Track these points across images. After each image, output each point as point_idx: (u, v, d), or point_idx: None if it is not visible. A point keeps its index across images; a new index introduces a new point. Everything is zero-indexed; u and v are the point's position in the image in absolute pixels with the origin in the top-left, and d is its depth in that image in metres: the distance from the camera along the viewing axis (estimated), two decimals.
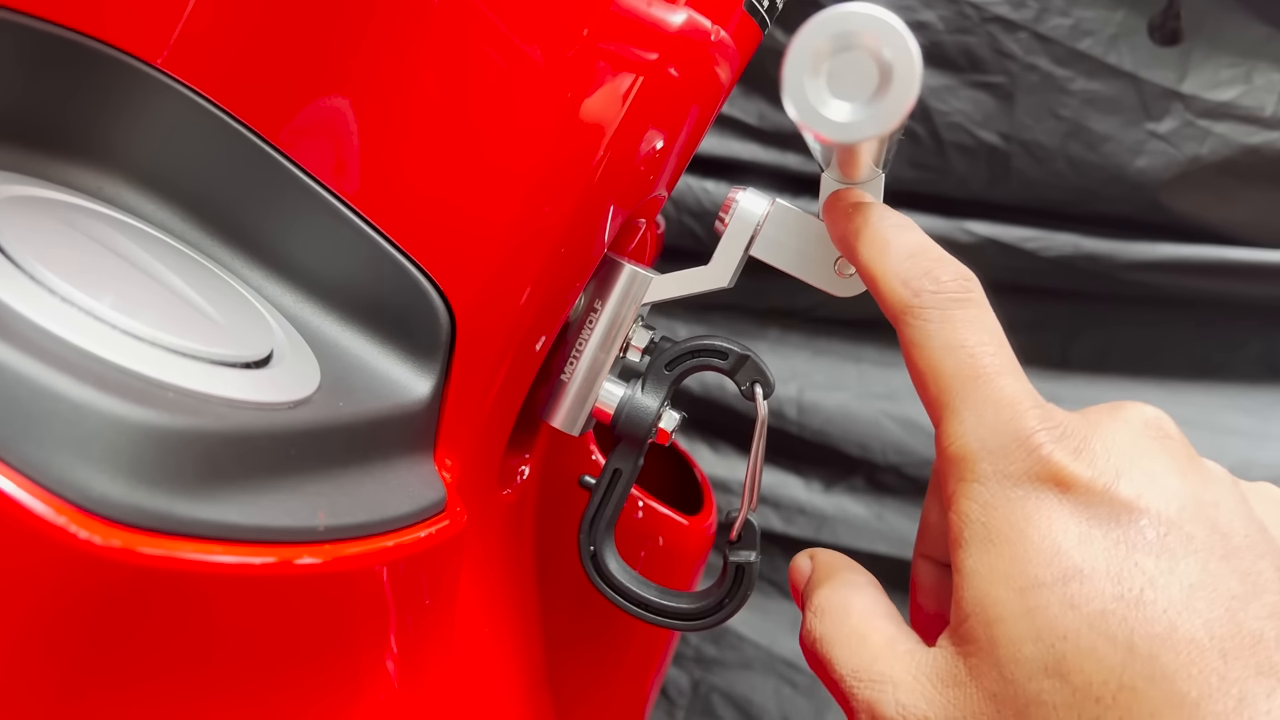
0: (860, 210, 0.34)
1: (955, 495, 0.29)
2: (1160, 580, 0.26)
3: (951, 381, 0.30)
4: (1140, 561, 0.26)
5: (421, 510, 0.31)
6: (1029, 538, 0.27)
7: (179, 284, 0.30)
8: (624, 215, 0.38)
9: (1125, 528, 0.27)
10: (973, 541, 0.28)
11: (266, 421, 0.26)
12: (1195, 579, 0.26)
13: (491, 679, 0.40)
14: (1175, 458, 0.29)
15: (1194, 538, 0.27)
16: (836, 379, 0.92)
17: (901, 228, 0.33)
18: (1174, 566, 0.26)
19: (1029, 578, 0.27)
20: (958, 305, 0.31)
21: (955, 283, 0.31)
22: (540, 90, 0.34)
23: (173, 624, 0.24)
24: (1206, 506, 0.27)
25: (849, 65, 0.23)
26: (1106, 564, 0.26)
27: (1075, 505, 0.27)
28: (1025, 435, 0.28)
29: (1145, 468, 0.28)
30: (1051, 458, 0.28)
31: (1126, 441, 0.29)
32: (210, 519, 0.24)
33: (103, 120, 0.33)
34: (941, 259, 0.32)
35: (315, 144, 0.34)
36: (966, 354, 0.30)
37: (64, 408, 0.22)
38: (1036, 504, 0.28)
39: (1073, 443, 0.28)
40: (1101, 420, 0.30)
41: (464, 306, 0.35)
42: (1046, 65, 0.79)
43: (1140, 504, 0.27)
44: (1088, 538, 0.27)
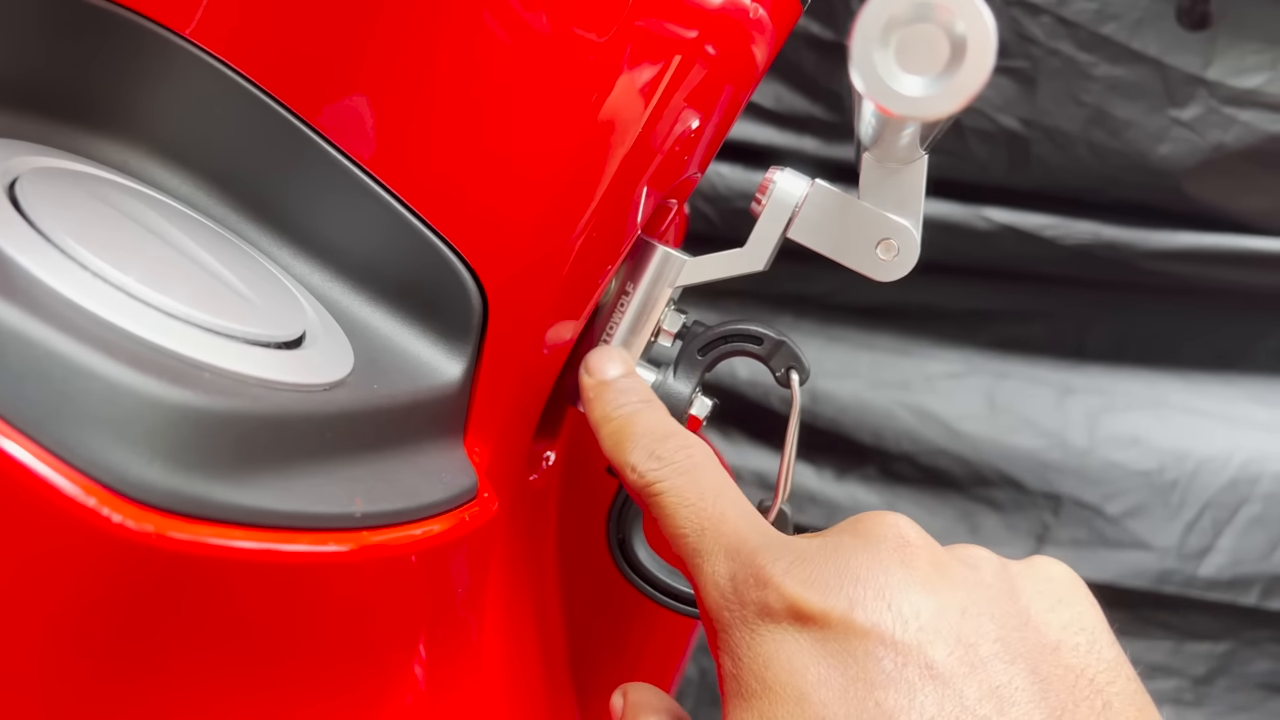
0: (600, 396, 0.36)
1: (714, 651, 0.30)
2: (900, 717, 0.25)
3: (688, 538, 0.31)
4: (880, 699, 0.25)
5: (455, 496, 0.31)
6: (771, 687, 0.27)
7: (209, 260, 0.29)
8: (658, 196, 0.37)
9: (862, 663, 0.26)
10: (730, 696, 0.28)
11: (303, 404, 0.26)
12: (935, 709, 0.25)
13: (514, 668, 0.40)
14: (916, 571, 0.28)
15: (934, 662, 0.26)
16: (849, 367, 0.92)
17: (632, 416, 0.35)
18: (913, 700, 0.25)
19: None
20: (680, 474, 0.32)
21: (677, 454, 0.33)
22: (578, 67, 0.33)
23: (207, 611, 0.24)
24: (950, 618, 0.27)
25: (920, 38, 0.22)
26: (845, 706, 0.25)
27: (813, 641, 0.27)
28: (755, 571, 0.28)
29: (881, 589, 0.27)
30: (783, 590, 0.27)
31: (863, 563, 0.28)
32: (246, 504, 0.23)
33: (129, 92, 0.32)
34: (664, 436, 0.34)
35: (347, 119, 0.33)
36: (693, 510, 0.31)
37: (99, 387, 0.21)
38: (776, 645, 0.27)
39: (804, 572, 0.28)
40: (841, 542, 0.29)
41: (496, 287, 0.34)
42: (1070, 50, 0.78)
43: (876, 633, 0.26)
44: (825, 679, 0.26)
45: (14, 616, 0.21)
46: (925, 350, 0.91)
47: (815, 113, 0.84)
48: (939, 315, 0.91)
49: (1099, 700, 0.26)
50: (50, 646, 0.22)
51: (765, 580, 0.28)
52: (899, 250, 0.36)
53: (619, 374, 0.37)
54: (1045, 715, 0.25)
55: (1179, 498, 0.86)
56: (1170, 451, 0.87)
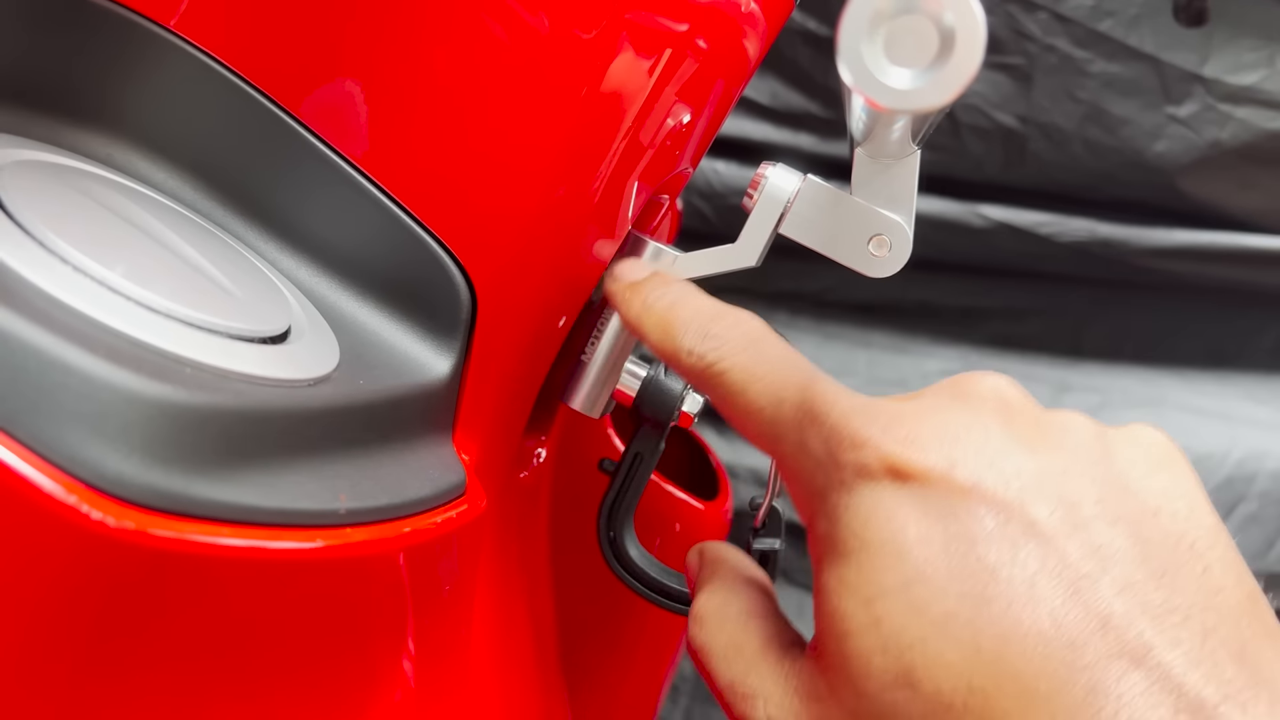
0: (636, 294, 0.35)
1: (806, 517, 0.29)
2: (1002, 573, 0.24)
3: (765, 412, 0.30)
4: (981, 555, 0.25)
5: (442, 493, 0.30)
6: (870, 544, 0.26)
7: (193, 254, 0.28)
8: (649, 191, 0.37)
9: (964, 520, 0.25)
10: (824, 557, 0.27)
11: (286, 399, 0.25)
12: (1037, 566, 0.24)
13: (506, 666, 0.39)
14: (1015, 430, 0.27)
15: (1036, 521, 0.25)
16: (846, 364, 0.91)
17: (674, 303, 0.33)
18: (1015, 555, 0.25)
19: (874, 586, 0.26)
20: (742, 350, 0.31)
21: (733, 331, 0.32)
22: (567, 60, 0.33)
23: (188, 609, 0.23)
24: (1052, 478, 0.26)
25: (908, 30, 0.22)
26: (948, 562, 0.25)
27: (913, 499, 0.26)
28: (850, 434, 0.27)
29: (981, 448, 0.26)
30: (881, 449, 0.27)
31: (962, 422, 0.27)
32: (228, 500, 0.23)
33: (112, 83, 0.32)
34: (715, 315, 0.32)
35: (334, 112, 0.33)
36: (765, 384, 0.30)
37: (76, 381, 0.21)
38: (874, 504, 0.26)
39: (902, 431, 0.27)
40: (936, 402, 0.28)
41: (485, 283, 0.34)
42: (1066, 46, 0.77)
43: (978, 491, 0.26)
44: (927, 536, 0.25)
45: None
46: (922, 347, 0.91)
47: (811, 109, 0.84)
48: (935, 312, 0.91)
49: (1199, 565, 0.25)
50: (29, 646, 0.22)
51: (862, 441, 0.27)
52: (891, 246, 0.36)
53: (647, 274, 0.36)
54: (1147, 576, 0.25)
55: None
56: None
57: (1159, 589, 0.24)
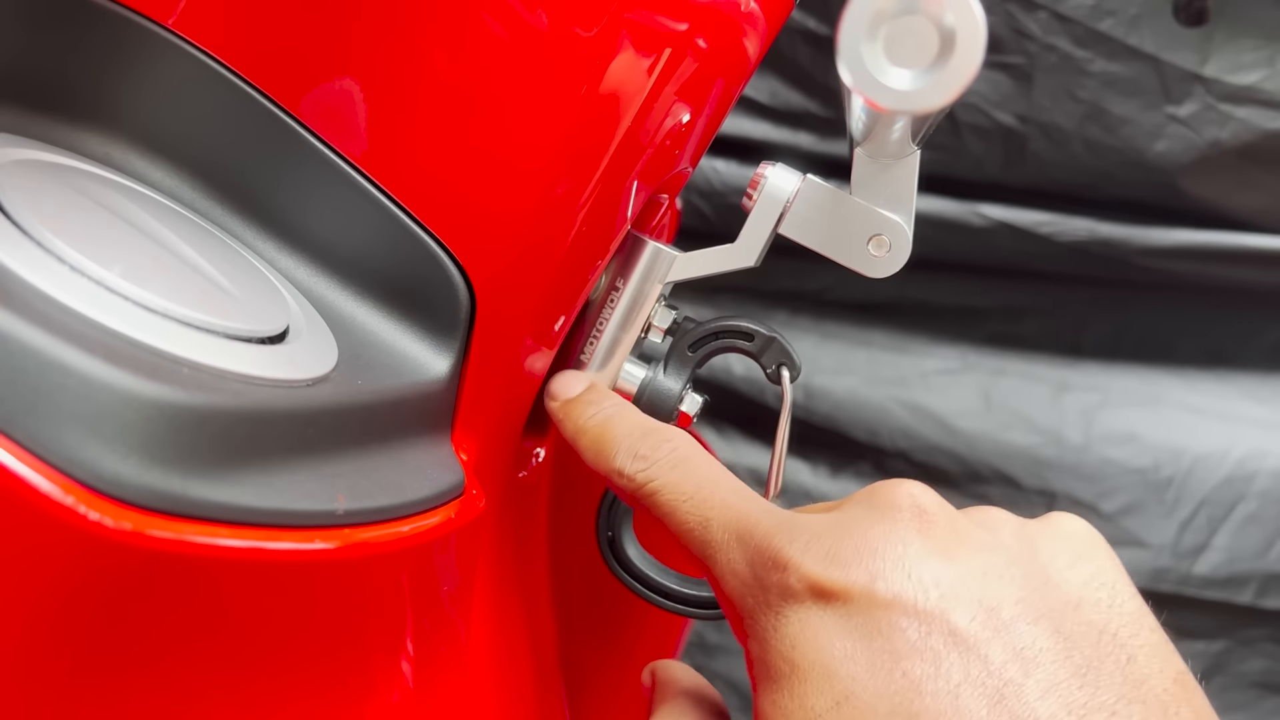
0: (569, 413, 0.36)
1: (740, 639, 0.29)
2: (927, 686, 0.25)
3: (695, 532, 0.30)
4: (907, 669, 0.25)
5: (441, 493, 0.30)
6: (799, 667, 0.27)
7: (191, 254, 0.28)
8: (648, 191, 0.37)
9: (887, 634, 0.26)
10: (759, 681, 0.28)
11: (284, 399, 0.25)
12: (961, 676, 0.25)
13: (503, 666, 0.39)
14: (933, 538, 0.28)
15: (956, 628, 0.26)
16: (845, 363, 0.91)
17: (606, 422, 0.34)
18: (939, 668, 0.25)
19: (806, 710, 0.26)
20: (669, 470, 0.32)
21: (659, 450, 0.32)
22: (566, 60, 0.33)
23: (185, 610, 0.23)
24: (971, 583, 0.26)
25: (908, 30, 0.22)
26: (873, 680, 0.25)
27: (837, 618, 0.26)
28: (772, 554, 0.28)
29: (900, 559, 0.27)
30: (802, 568, 0.27)
31: (881, 535, 0.28)
32: (225, 501, 0.23)
33: (110, 82, 0.32)
34: (643, 434, 0.33)
35: (333, 111, 0.33)
36: (694, 504, 0.31)
37: (73, 382, 0.21)
38: (800, 625, 0.27)
39: (822, 548, 0.27)
40: (854, 515, 0.29)
41: (484, 283, 0.34)
42: (1066, 46, 0.77)
43: (899, 603, 0.26)
44: (852, 655, 0.26)
45: None
46: (921, 347, 0.91)
47: (811, 108, 0.84)
48: (934, 312, 0.91)
49: (1123, 655, 0.26)
50: (27, 646, 0.22)
51: (784, 563, 0.27)
52: (891, 246, 0.36)
53: (582, 389, 0.37)
54: (1070, 673, 0.25)
55: (1174, 495, 0.86)
56: (1166, 449, 0.87)
57: (1083, 687, 0.25)
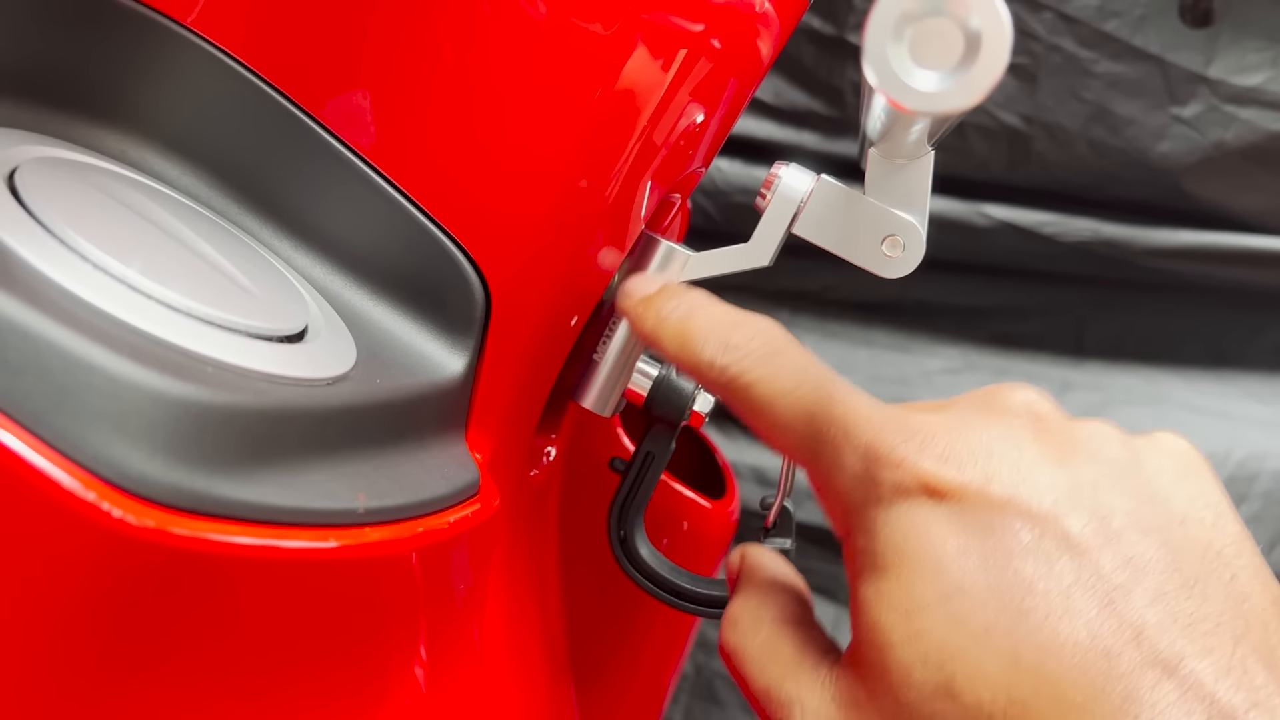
0: (649, 308, 0.34)
1: (843, 531, 0.29)
2: (1039, 585, 0.25)
3: (795, 428, 0.30)
4: (1018, 568, 0.25)
5: (457, 492, 0.30)
6: (909, 559, 0.27)
7: (210, 252, 0.28)
8: (662, 191, 0.37)
9: (1000, 534, 0.26)
10: (862, 571, 0.28)
11: (306, 398, 0.25)
12: (1073, 578, 0.25)
13: (516, 664, 0.39)
14: (1048, 444, 0.28)
15: (1070, 533, 0.26)
16: (847, 362, 0.91)
17: (690, 314, 0.33)
18: (1051, 569, 0.25)
19: (914, 600, 0.26)
20: (765, 362, 0.31)
21: (754, 341, 0.31)
22: (582, 60, 0.33)
23: (207, 608, 0.23)
24: (1085, 491, 0.27)
25: (934, 33, 0.22)
26: (985, 576, 0.26)
27: (950, 515, 0.27)
28: (885, 451, 0.28)
29: (1015, 463, 0.27)
30: (918, 467, 0.27)
31: (995, 437, 0.28)
32: (248, 500, 0.23)
33: (128, 81, 0.32)
34: (733, 325, 0.32)
35: (349, 111, 0.33)
36: (793, 399, 0.30)
37: (100, 380, 0.21)
38: (912, 520, 0.27)
39: (937, 448, 0.27)
40: (969, 417, 0.29)
41: (499, 282, 0.34)
42: (1071, 46, 0.77)
43: (1014, 505, 0.26)
44: (965, 550, 0.26)
45: (13, 612, 0.21)
46: (924, 346, 0.91)
47: (815, 108, 0.84)
48: (937, 311, 0.91)
49: (1227, 573, 0.26)
50: (50, 642, 0.22)
51: (899, 459, 0.27)
52: (905, 246, 0.36)
53: (657, 287, 0.35)
54: (1178, 585, 0.25)
55: None
56: None
57: (1189, 598, 0.25)
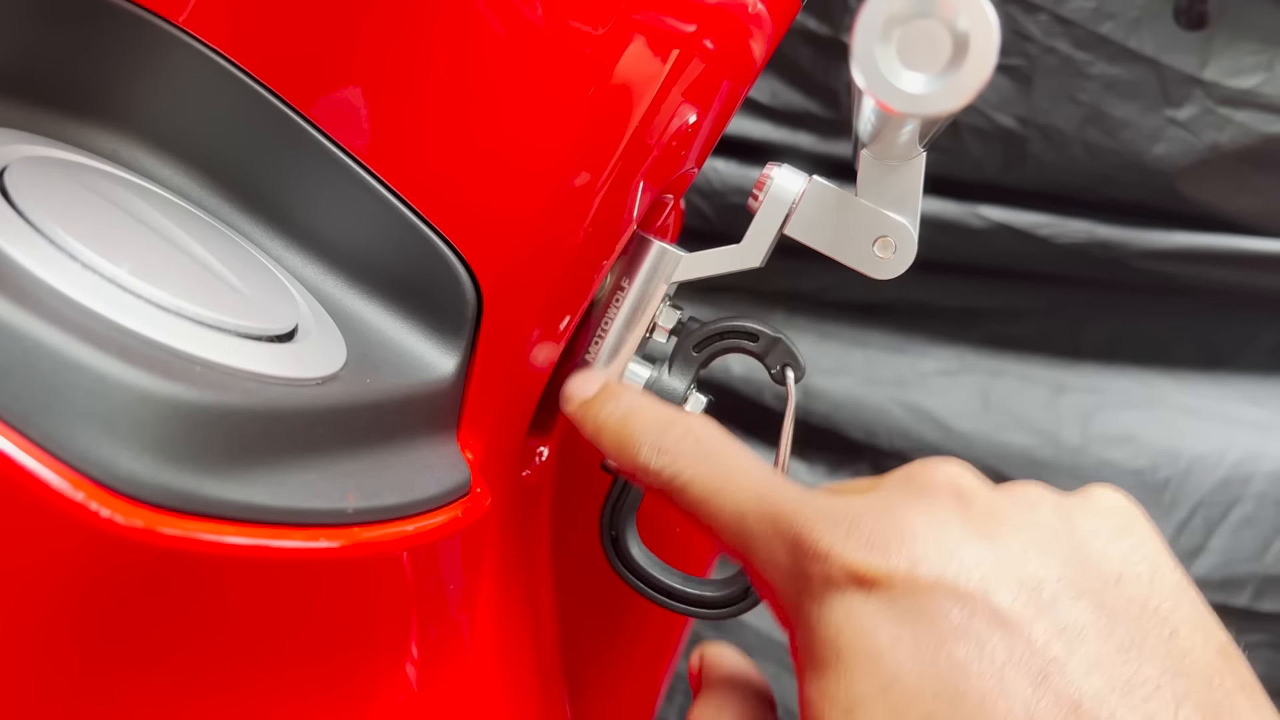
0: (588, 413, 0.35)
1: (785, 629, 0.29)
2: (972, 668, 0.25)
3: (730, 526, 0.30)
4: (951, 652, 0.25)
5: (448, 492, 0.30)
6: (844, 654, 0.27)
7: (200, 252, 0.28)
8: (654, 191, 0.37)
9: (931, 618, 0.26)
10: (804, 669, 0.28)
11: (295, 398, 0.25)
12: (1005, 656, 0.25)
13: (506, 665, 0.39)
14: (972, 519, 0.28)
15: (999, 609, 0.26)
16: (843, 363, 0.91)
17: (626, 417, 0.34)
18: (982, 649, 0.25)
19: (854, 696, 0.26)
20: (696, 462, 0.31)
21: (684, 442, 0.32)
22: (574, 61, 0.33)
23: (196, 608, 0.23)
24: (1012, 563, 0.27)
25: (922, 34, 0.22)
26: (919, 663, 0.25)
27: (881, 604, 0.26)
28: (812, 543, 0.28)
29: (940, 542, 0.27)
30: (844, 558, 0.27)
31: (920, 518, 0.28)
32: (237, 499, 0.23)
33: (119, 80, 0.32)
34: (666, 427, 0.33)
35: (341, 111, 0.33)
36: (726, 497, 0.30)
37: (88, 380, 0.21)
38: (844, 613, 0.27)
39: (862, 535, 0.27)
40: (892, 498, 0.29)
41: (491, 282, 0.34)
42: (1066, 48, 0.77)
43: (941, 586, 0.26)
44: (897, 639, 0.26)
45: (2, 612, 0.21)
46: (919, 347, 0.91)
47: (811, 108, 0.84)
48: (933, 313, 0.91)
49: (1166, 629, 0.26)
50: (37, 642, 0.22)
51: (824, 552, 0.27)
52: (896, 248, 0.36)
53: (597, 388, 0.36)
54: (1114, 649, 0.25)
55: (1171, 497, 0.86)
56: (1163, 450, 0.87)
57: (1127, 663, 0.25)
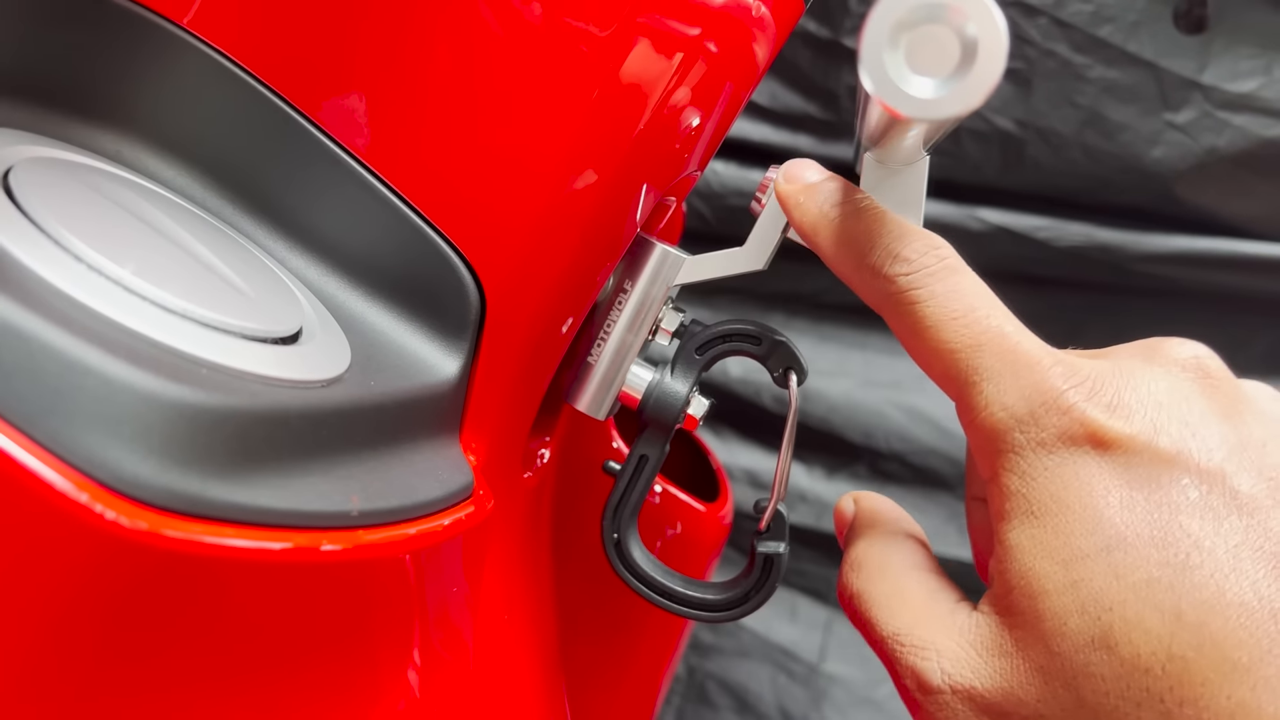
0: (812, 198, 0.32)
1: (993, 469, 0.28)
2: (1205, 543, 0.25)
3: (960, 355, 0.28)
4: (1185, 524, 0.25)
5: (451, 495, 0.30)
6: (1070, 507, 0.26)
7: (205, 253, 0.28)
8: (657, 194, 0.37)
9: (1167, 488, 0.25)
10: (1014, 514, 0.27)
11: (300, 400, 0.25)
12: (1240, 538, 0.25)
13: (508, 666, 0.39)
14: (1216, 401, 0.27)
15: (1238, 492, 0.25)
16: (841, 365, 0.91)
17: (857, 213, 0.31)
18: (1219, 526, 0.25)
19: (1072, 549, 0.26)
20: (936, 280, 0.29)
21: (926, 256, 0.30)
22: (579, 63, 0.33)
23: (200, 610, 0.23)
24: (1252, 451, 0.26)
25: (931, 39, 0.22)
26: (1150, 529, 0.25)
27: (1115, 466, 0.26)
28: (1054, 396, 0.27)
29: (1184, 417, 0.26)
30: (1085, 416, 0.26)
31: (1164, 389, 0.27)
32: (242, 502, 0.23)
33: (123, 81, 0.32)
34: (905, 235, 0.30)
35: (345, 112, 0.33)
36: (964, 324, 0.29)
37: (94, 382, 0.21)
38: (1075, 469, 0.26)
39: (1105, 397, 0.27)
40: (1135, 367, 0.28)
41: (494, 284, 0.34)
42: (1065, 52, 0.78)
43: (1181, 460, 0.26)
44: (1129, 502, 0.26)
45: (7, 614, 0.21)
46: None
47: (811, 111, 0.84)
48: None
49: None
50: (42, 644, 0.22)
51: (1067, 405, 0.27)
52: None
53: (821, 177, 0.33)
54: None
55: None
56: None
57: None
